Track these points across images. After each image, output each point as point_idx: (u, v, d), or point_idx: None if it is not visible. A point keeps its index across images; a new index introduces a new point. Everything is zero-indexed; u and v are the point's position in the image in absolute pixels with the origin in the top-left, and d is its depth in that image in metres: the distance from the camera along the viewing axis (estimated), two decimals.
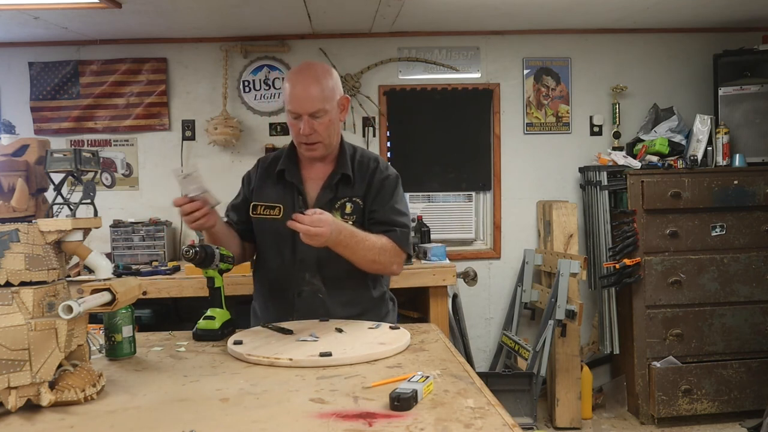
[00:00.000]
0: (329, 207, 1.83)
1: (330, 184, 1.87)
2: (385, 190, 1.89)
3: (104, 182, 3.78)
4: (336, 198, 1.86)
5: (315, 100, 1.77)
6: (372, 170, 1.90)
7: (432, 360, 1.45)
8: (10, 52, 3.76)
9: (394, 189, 1.91)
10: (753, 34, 3.86)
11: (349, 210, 1.85)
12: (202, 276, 1.79)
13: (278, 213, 1.80)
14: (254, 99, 3.86)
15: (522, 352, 3.49)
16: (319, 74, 1.81)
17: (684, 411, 3.49)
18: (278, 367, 1.40)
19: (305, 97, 1.78)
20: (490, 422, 1.05)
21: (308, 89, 1.78)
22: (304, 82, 1.79)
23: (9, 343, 1.12)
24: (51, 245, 1.22)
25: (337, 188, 1.87)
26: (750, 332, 3.54)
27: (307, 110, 1.78)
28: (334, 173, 1.88)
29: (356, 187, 1.88)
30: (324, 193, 1.87)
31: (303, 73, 1.81)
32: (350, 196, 1.87)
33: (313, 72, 1.81)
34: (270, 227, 1.86)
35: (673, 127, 3.72)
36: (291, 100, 1.80)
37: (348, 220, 1.83)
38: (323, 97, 1.79)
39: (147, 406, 1.17)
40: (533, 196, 4.01)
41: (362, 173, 1.89)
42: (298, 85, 1.79)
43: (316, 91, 1.78)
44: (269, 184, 1.93)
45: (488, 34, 3.92)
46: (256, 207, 1.84)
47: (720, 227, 3.53)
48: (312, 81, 1.79)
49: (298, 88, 1.79)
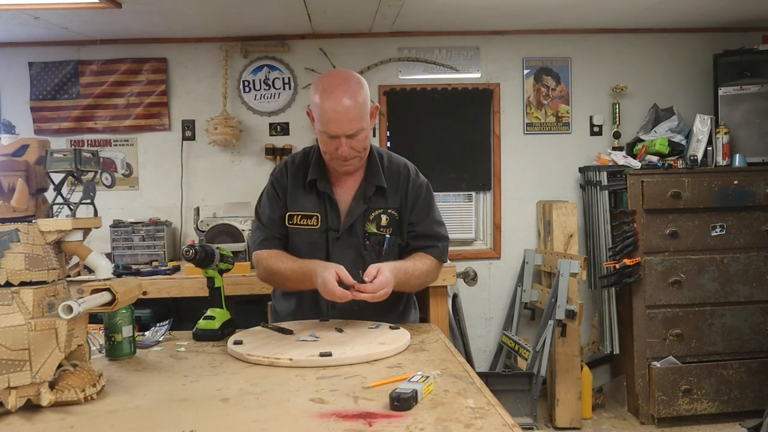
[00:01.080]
0: (363, 219, 1.81)
1: (364, 195, 1.81)
2: (421, 201, 1.85)
3: (104, 182, 3.78)
4: (370, 209, 1.82)
5: (354, 122, 1.67)
6: (404, 178, 1.85)
7: (432, 360, 1.45)
8: (10, 52, 3.76)
9: (430, 198, 1.88)
10: (753, 34, 3.86)
11: (384, 222, 1.82)
12: (202, 276, 1.79)
13: (315, 222, 1.79)
14: (254, 99, 3.86)
15: (522, 352, 3.49)
16: (355, 90, 1.68)
17: (684, 411, 3.49)
18: (278, 367, 1.40)
19: (345, 119, 1.66)
20: (490, 422, 1.05)
21: (348, 110, 1.66)
22: (341, 101, 1.65)
23: (9, 343, 1.12)
24: (51, 245, 1.22)
25: (370, 199, 1.82)
26: (750, 332, 3.54)
27: (347, 132, 1.68)
28: (368, 184, 1.81)
29: (390, 198, 1.83)
30: (357, 205, 1.81)
31: (338, 90, 1.66)
32: (385, 208, 1.82)
33: (349, 88, 1.67)
34: (306, 237, 1.83)
35: (673, 127, 3.72)
36: (328, 122, 1.67)
37: (385, 232, 1.82)
38: (360, 115, 1.69)
39: (147, 406, 1.17)
40: (533, 196, 4.01)
41: (394, 182, 1.84)
42: (335, 104, 1.66)
43: (355, 112, 1.67)
44: (301, 193, 1.85)
45: (488, 34, 3.92)
46: (292, 217, 1.82)
47: (720, 227, 3.53)
48: (349, 100, 1.66)
49: (336, 108, 1.66)
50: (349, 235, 1.81)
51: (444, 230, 1.90)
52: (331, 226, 1.81)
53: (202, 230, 3.44)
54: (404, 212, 1.84)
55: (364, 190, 1.82)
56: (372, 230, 1.81)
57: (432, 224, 1.86)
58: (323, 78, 1.74)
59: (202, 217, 3.56)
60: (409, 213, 1.84)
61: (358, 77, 1.75)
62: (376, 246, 1.82)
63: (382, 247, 1.82)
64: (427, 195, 1.88)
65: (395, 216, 1.83)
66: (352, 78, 1.72)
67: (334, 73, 1.77)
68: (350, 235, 1.81)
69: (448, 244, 1.90)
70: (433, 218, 1.87)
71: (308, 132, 3.88)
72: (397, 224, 1.84)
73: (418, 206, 1.85)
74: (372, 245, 1.82)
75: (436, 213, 1.89)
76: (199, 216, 3.57)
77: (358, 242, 1.81)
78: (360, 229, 1.81)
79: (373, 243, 1.82)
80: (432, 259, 1.84)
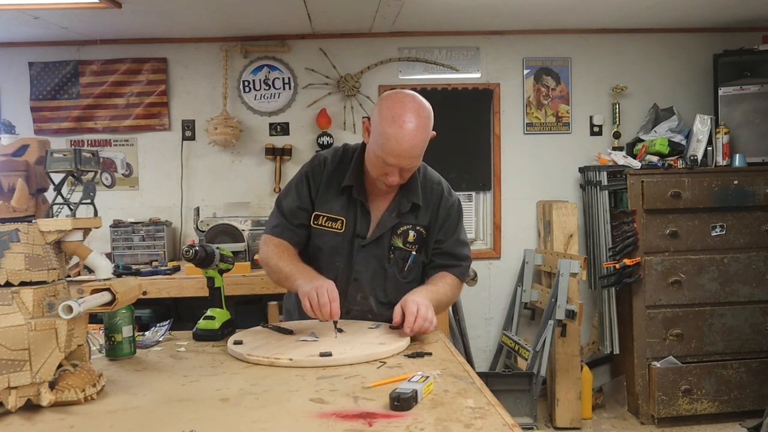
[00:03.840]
0: (391, 232, 1.79)
1: (397, 209, 1.79)
2: (451, 220, 1.84)
3: (104, 182, 3.78)
4: (399, 224, 1.80)
5: (416, 159, 1.65)
6: (437, 196, 1.83)
7: (432, 360, 1.45)
8: (10, 52, 3.76)
9: (459, 218, 1.87)
10: (753, 34, 3.86)
11: (411, 238, 1.80)
12: (202, 276, 1.79)
13: (340, 227, 1.79)
14: (254, 99, 3.86)
15: (522, 352, 3.49)
16: (424, 126, 1.62)
17: (684, 411, 3.49)
18: (278, 367, 1.40)
19: (407, 155, 1.62)
20: (490, 422, 1.05)
21: (412, 147, 1.61)
22: (409, 136, 1.59)
23: (9, 343, 1.12)
24: (51, 245, 1.22)
25: (403, 214, 1.79)
26: (750, 332, 3.54)
27: (405, 166, 1.65)
28: (403, 199, 1.79)
29: (421, 214, 1.81)
30: (389, 217, 1.79)
31: (408, 124, 1.59)
32: (414, 224, 1.81)
33: (419, 124, 1.60)
34: (329, 240, 1.81)
35: (673, 127, 3.72)
36: (388, 153, 1.61)
37: (411, 248, 1.81)
38: (421, 153, 1.64)
39: (147, 406, 1.17)
40: (533, 196, 4.01)
41: (427, 199, 1.82)
42: (401, 137, 1.58)
43: (418, 150, 1.62)
44: (332, 194, 1.81)
45: (488, 34, 3.92)
46: (318, 217, 1.81)
47: (720, 227, 3.53)
48: (416, 137, 1.60)
49: (401, 143, 1.59)
50: (375, 246, 1.80)
51: (467, 251, 1.89)
52: (359, 234, 1.79)
53: (202, 230, 3.44)
54: (432, 230, 1.83)
55: (399, 204, 1.79)
56: (398, 245, 1.80)
57: (457, 244, 1.85)
58: (395, 101, 1.64)
59: (202, 217, 3.57)
60: (437, 231, 1.83)
61: (429, 109, 1.67)
62: (400, 261, 1.81)
63: (406, 262, 1.81)
64: (457, 214, 1.87)
65: (423, 233, 1.82)
66: (423, 111, 1.64)
67: (406, 100, 1.64)
68: (377, 246, 1.80)
69: (470, 264, 1.89)
70: (458, 237, 1.86)
71: (308, 132, 3.88)
72: (423, 241, 1.83)
73: (447, 225, 1.84)
74: (396, 259, 1.81)
75: (462, 233, 1.88)
76: (199, 216, 3.57)
77: (382, 254, 1.80)
78: (387, 241, 1.80)
79: (397, 257, 1.81)
80: (454, 279, 1.83)
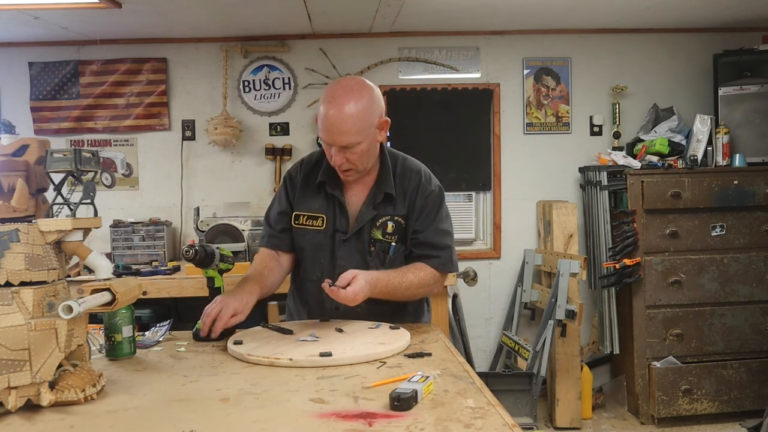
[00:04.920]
0: (371, 225, 1.79)
1: (373, 202, 1.80)
2: (428, 209, 1.81)
3: (104, 182, 3.78)
4: (378, 216, 1.80)
5: (346, 134, 1.65)
6: (414, 186, 1.81)
7: (432, 360, 1.45)
8: (10, 52, 3.76)
9: (438, 206, 1.83)
10: (753, 34, 3.86)
11: (390, 229, 1.80)
12: (202, 276, 1.79)
13: (321, 224, 1.79)
14: (254, 99, 3.86)
15: (522, 352, 3.49)
16: (356, 101, 1.64)
17: (684, 411, 3.49)
18: (278, 367, 1.40)
19: (336, 131, 1.64)
20: (490, 422, 1.05)
21: (342, 122, 1.63)
22: (337, 111, 1.63)
23: (9, 343, 1.12)
24: (51, 245, 1.22)
25: (379, 205, 1.80)
26: (750, 332, 3.54)
27: (338, 143, 1.66)
28: (377, 191, 1.80)
29: (398, 204, 1.80)
30: (367, 210, 1.80)
31: (338, 100, 1.64)
32: (392, 215, 1.80)
33: (349, 99, 1.64)
34: (312, 238, 1.83)
35: (673, 127, 3.72)
36: (321, 130, 1.68)
37: (390, 239, 1.80)
38: (356, 130, 1.64)
39: (147, 406, 1.17)
40: (533, 196, 4.01)
41: (404, 189, 1.81)
42: (330, 113, 1.64)
43: (349, 125, 1.63)
44: (311, 193, 1.84)
45: (488, 34, 3.92)
46: (298, 217, 1.83)
47: (720, 227, 3.53)
48: (346, 112, 1.63)
49: (330, 118, 1.64)
50: (356, 240, 1.81)
51: (449, 240, 1.84)
52: (339, 229, 1.81)
53: (202, 230, 3.44)
54: (411, 219, 1.81)
55: (374, 196, 1.80)
56: (378, 237, 1.80)
57: (436, 233, 1.81)
58: (332, 84, 1.72)
59: (202, 217, 3.57)
60: (414, 220, 1.81)
61: (368, 89, 1.70)
62: (381, 253, 1.81)
63: (387, 254, 1.81)
64: (435, 203, 1.83)
65: (402, 223, 1.81)
66: (357, 89, 1.67)
67: (341, 81, 1.72)
68: (357, 239, 1.81)
69: (451, 253, 1.83)
70: (437, 227, 1.81)
71: (308, 132, 3.89)
72: (403, 232, 1.82)
73: (424, 214, 1.81)
74: (377, 252, 1.81)
75: (442, 222, 1.83)
76: (199, 216, 3.57)
77: (363, 247, 1.81)
78: (366, 234, 1.80)
79: (378, 250, 1.81)
80: (429, 270, 1.79)
